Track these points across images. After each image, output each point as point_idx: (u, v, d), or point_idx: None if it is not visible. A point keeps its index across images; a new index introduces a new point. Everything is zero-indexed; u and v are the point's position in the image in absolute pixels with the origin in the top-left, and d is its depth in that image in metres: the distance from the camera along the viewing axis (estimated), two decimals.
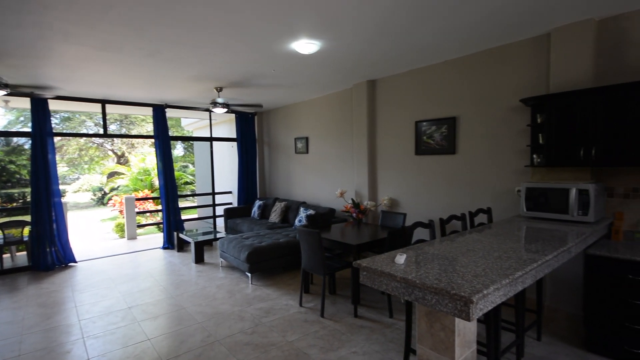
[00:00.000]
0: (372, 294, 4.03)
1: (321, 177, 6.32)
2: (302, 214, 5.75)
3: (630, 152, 2.62)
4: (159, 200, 6.84)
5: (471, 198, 4.04)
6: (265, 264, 4.60)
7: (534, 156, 3.25)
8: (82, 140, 16.65)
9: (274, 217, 6.42)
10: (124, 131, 16.36)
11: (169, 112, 6.73)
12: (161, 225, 7.37)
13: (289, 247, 4.82)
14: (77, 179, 18.37)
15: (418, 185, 4.63)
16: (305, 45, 3.48)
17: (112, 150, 17.58)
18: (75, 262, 5.67)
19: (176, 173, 12.32)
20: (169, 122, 6.57)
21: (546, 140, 3.07)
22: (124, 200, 8.00)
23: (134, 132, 16.29)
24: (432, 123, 4.38)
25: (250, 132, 7.65)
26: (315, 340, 3.05)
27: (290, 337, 3.11)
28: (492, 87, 3.80)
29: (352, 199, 5.01)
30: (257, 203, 7.04)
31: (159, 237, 7.35)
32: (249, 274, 4.53)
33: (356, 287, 3.57)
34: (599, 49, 3.03)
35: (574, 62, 3.08)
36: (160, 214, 7.41)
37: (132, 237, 7.57)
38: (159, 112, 6.37)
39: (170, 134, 6.58)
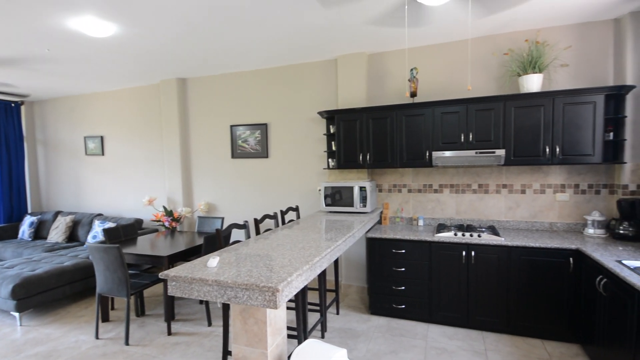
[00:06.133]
0: (189, 306, 3.78)
1: (123, 184, 5.45)
2: (98, 228, 4.80)
3: (388, 157, 3.48)
4: None
5: (283, 198, 4.40)
6: (43, 297, 3.57)
7: (329, 160, 3.86)
8: None
9: (56, 235, 5.09)
10: None
11: None
12: None
13: (78, 271, 3.91)
14: None
15: (235, 188, 4.68)
16: (95, 26, 2.93)
17: None
18: None
19: None
20: None
21: (337, 148, 3.70)
22: None
23: None
24: (246, 128, 4.52)
25: (13, 126, 5.79)
26: None
27: None
28: (296, 99, 4.26)
29: (164, 206, 4.57)
30: (29, 220, 5.40)
31: None
32: (17, 314, 3.41)
33: (169, 302, 3.26)
34: (369, 76, 3.89)
35: (354, 84, 3.84)
36: None
37: None
38: None
39: None
